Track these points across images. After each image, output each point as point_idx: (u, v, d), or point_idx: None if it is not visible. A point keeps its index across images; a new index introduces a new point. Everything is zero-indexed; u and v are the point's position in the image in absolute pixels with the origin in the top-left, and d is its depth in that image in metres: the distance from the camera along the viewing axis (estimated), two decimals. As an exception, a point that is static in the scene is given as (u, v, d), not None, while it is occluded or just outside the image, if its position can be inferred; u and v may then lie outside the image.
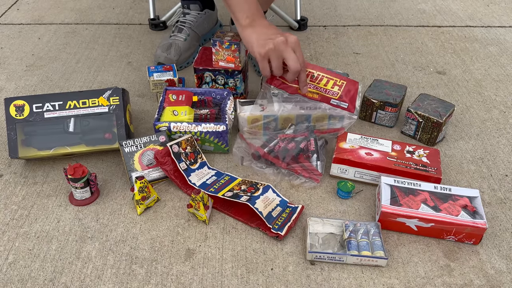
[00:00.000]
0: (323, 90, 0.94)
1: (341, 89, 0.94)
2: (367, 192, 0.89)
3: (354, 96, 0.95)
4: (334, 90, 0.94)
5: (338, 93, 0.94)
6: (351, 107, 0.94)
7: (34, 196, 0.88)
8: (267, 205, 0.82)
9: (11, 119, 0.92)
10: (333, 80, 0.95)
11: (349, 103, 0.94)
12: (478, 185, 0.92)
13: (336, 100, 0.94)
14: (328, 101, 0.94)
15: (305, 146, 0.92)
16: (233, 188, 0.86)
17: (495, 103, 1.15)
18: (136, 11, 1.58)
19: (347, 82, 0.96)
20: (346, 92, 0.94)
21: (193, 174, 0.90)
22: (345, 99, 0.94)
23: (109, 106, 0.94)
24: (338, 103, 0.94)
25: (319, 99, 0.94)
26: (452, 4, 1.64)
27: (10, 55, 1.33)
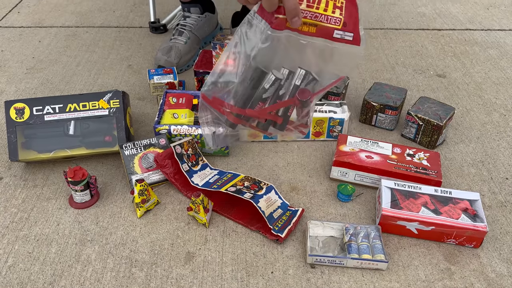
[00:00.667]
0: (323, 18, 0.66)
1: (343, 11, 0.67)
2: (367, 195, 0.89)
3: (357, 21, 0.69)
4: (336, 16, 0.67)
5: (341, 19, 0.67)
6: (356, 38, 0.69)
7: (34, 199, 0.88)
8: (269, 205, 0.82)
9: (11, 122, 0.92)
10: (333, 1, 0.67)
11: (354, 32, 0.69)
12: (479, 188, 0.91)
13: (340, 30, 0.67)
14: (330, 34, 0.67)
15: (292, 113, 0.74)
16: (236, 183, 0.86)
17: (495, 106, 1.15)
18: (136, 14, 1.58)
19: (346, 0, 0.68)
20: (349, 16, 0.67)
21: (195, 175, 0.90)
22: (348, 26, 0.68)
23: (110, 109, 0.94)
24: (343, 35, 0.68)
25: (317, 33, 0.67)
26: (452, 7, 1.64)
27: (10, 58, 1.33)
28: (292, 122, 0.75)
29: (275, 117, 0.73)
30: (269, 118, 0.72)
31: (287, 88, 0.71)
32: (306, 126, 0.77)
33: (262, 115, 0.72)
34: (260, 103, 0.71)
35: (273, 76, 0.70)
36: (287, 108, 0.72)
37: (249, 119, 0.73)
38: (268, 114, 0.72)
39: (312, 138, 1.02)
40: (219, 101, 0.72)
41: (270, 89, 0.71)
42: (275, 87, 0.71)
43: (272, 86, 0.70)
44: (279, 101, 0.71)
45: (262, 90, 0.70)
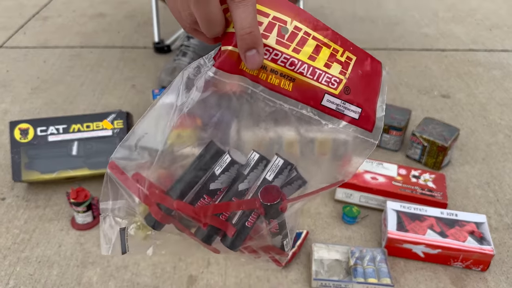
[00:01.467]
0: (306, 70, 0.40)
1: (348, 71, 0.41)
2: (372, 218, 0.88)
3: (373, 92, 0.43)
4: (332, 74, 0.41)
5: (341, 80, 0.41)
6: (367, 118, 0.42)
7: (36, 220, 0.87)
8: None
9: (16, 142, 0.92)
10: (330, 49, 0.41)
11: (363, 107, 0.42)
12: (485, 210, 0.90)
13: (336, 97, 0.41)
14: (318, 99, 0.41)
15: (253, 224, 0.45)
16: None
17: (500, 127, 1.14)
18: (140, 34, 1.60)
19: (359, 58, 0.42)
20: (358, 80, 0.42)
21: None
22: (355, 96, 0.42)
23: (113, 130, 0.94)
24: (340, 106, 0.41)
25: (294, 93, 0.40)
26: (455, 28, 1.65)
27: (15, 78, 1.34)
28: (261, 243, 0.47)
29: (224, 224, 0.44)
30: (214, 223, 0.44)
31: (253, 183, 0.44)
32: (283, 252, 0.48)
33: (201, 215, 0.43)
34: (206, 196, 0.44)
35: (229, 158, 0.43)
36: (245, 214, 0.44)
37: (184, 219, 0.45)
38: (212, 216, 0.44)
39: (316, 158, 1.01)
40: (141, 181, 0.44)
41: (222, 177, 0.43)
42: (230, 176, 0.44)
43: (225, 173, 0.43)
44: (234, 200, 0.44)
45: (211, 177, 0.44)
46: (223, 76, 0.39)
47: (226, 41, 0.39)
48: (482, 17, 1.74)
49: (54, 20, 1.71)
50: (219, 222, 0.44)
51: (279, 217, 0.44)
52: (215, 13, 0.37)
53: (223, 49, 0.39)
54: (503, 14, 1.76)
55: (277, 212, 0.44)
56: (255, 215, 0.44)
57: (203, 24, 0.38)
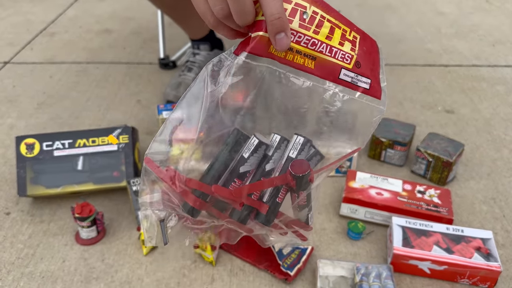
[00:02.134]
0: (325, 49, 0.45)
1: (356, 48, 0.47)
2: (378, 233, 0.88)
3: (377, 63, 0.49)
4: (345, 50, 0.46)
5: (352, 56, 0.46)
6: (375, 88, 0.48)
7: (40, 235, 0.87)
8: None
9: (22, 157, 0.92)
10: (341, 30, 0.46)
11: (372, 78, 0.48)
12: (491, 226, 0.89)
13: (350, 71, 0.46)
14: (336, 74, 0.46)
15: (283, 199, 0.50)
16: None
17: (504, 142, 1.14)
18: (146, 50, 1.61)
19: (362, 37, 0.48)
20: (364, 55, 0.47)
21: None
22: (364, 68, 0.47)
23: (119, 145, 0.94)
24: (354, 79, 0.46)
25: (316, 70, 0.45)
26: (457, 44, 1.66)
27: (22, 93, 1.36)
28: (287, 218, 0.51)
29: (257, 203, 0.48)
30: (249, 203, 0.47)
31: (277, 162, 0.48)
32: (307, 226, 0.52)
33: (237, 197, 0.47)
34: (237, 180, 0.47)
35: (256, 140, 0.47)
36: (276, 191, 0.48)
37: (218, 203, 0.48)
38: (247, 197, 0.47)
39: (321, 174, 1.01)
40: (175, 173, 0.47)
41: (250, 160, 0.47)
42: (258, 157, 0.47)
43: (253, 156, 0.47)
44: (264, 179, 0.47)
45: (240, 161, 0.47)
46: (254, 59, 0.43)
47: (257, 28, 0.43)
48: (485, 33, 1.75)
49: (61, 36, 1.73)
50: (253, 202, 0.48)
51: (307, 188, 0.48)
52: (248, 4, 0.41)
53: (253, 36, 0.43)
54: (506, 30, 1.77)
55: (306, 183, 0.47)
56: (284, 190, 0.48)
57: (238, 15, 0.42)
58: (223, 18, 0.43)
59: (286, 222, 0.51)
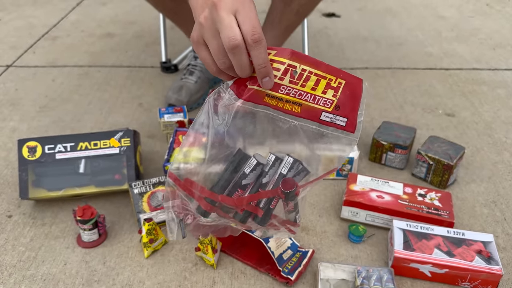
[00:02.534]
0: (309, 98, 0.58)
1: (338, 93, 0.58)
2: (379, 236, 0.88)
3: (356, 105, 0.60)
4: (327, 97, 0.58)
5: (333, 101, 0.58)
6: (350, 124, 0.60)
7: (42, 238, 0.88)
8: (279, 245, 0.81)
9: (23, 160, 0.93)
10: (326, 80, 0.58)
11: (348, 117, 0.59)
12: (492, 229, 0.89)
13: (330, 113, 0.58)
14: (317, 116, 0.58)
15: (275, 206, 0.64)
16: None
17: (505, 145, 1.14)
18: (148, 54, 1.62)
19: (347, 82, 0.59)
20: (345, 99, 0.59)
21: None
22: (342, 111, 0.59)
23: (120, 148, 0.95)
24: (333, 119, 0.59)
25: (302, 113, 0.58)
26: (458, 47, 1.67)
27: (24, 96, 1.36)
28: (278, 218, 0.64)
29: (255, 208, 0.62)
30: (248, 209, 0.62)
31: (272, 177, 0.61)
32: (295, 224, 0.65)
33: (239, 204, 0.61)
34: (239, 190, 0.61)
35: (255, 161, 0.61)
36: (269, 199, 0.62)
37: (224, 207, 0.62)
38: (247, 204, 0.61)
39: (322, 177, 1.01)
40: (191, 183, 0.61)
41: (250, 175, 0.61)
42: (256, 173, 0.61)
43: (253, 172, 0.61)
44: (261, 190, 0.61)
45: (242, 176, 0.61)
46: (250, 105, 0.57)
47: (253, 82, 0.56)
48: (485, 37, 1.75)
49: (63, 40, 1.74)
50: (251, 208, 0.62)
51: (294, 199, 0.62)
52: (246, 60, 0.54)
53: (249, 87, 0.57)
54: (506, 34, 1.78)
55: (293, 196, 0.61)
56: (276, 199, 0.62)
57: (239, 69, 0.55)
58: (225, 70, 0.56)
59: (279, 221, 0.65)
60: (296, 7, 1.09)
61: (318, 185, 1.00)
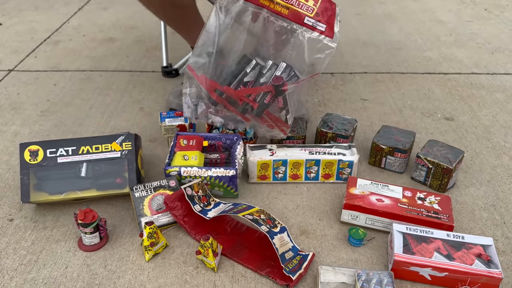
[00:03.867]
0: (294, 2, 0.74)
1: (317, 4, 0.75)
2: (379, 240, 0.88)
3: (332, 17, 0.76)
4: (309, 5, 0.75)
5: (314, 9, 0.74)
6: (329, 30, 0.75)
7: (43, 241, 0.88)
8: (282, 245, 0.81)
9: (25, 164, 0.93)
10: None
11: (327, 24, 0.76)
12: (492, 233, 0.90)
13: (312, 18, 0.75)
14: (301, 19, 0.75)
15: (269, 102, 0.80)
16: (252, 213, 0.85)
17: (504, 149, 1.15)
18: (149, 59, 1.63)
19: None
20: (323, 10, 0.75)
21: (209, 212, 0.89)
22: (322, 18, 0.75)
23: (122, 152, 0.95)
24: (314, 24, 0.75)
25: (289, 15, 0.74)
26: (457, 52, 1.68)
27: (26, 100, 1.37)
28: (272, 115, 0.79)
29: (251, 101, 0.79)
30: (246, 100, 0.79)
31: (269, 78, 0.78)
32: (286, 124, 0.81)
33: (239, 94, 0.79)
34: (241, 86, 0.78)
35: (254, 61, 0.79)
36: (264, 95, 0.79)
37: (230, 100, 0.80)
38: (245, 96, 0.79)
39: (322, 180, 1.02)
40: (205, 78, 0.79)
41: (251, 74, 0.79)
42: (255, 73, 0.78)
43: (252, 71, 0.78)
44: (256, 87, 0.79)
45: (244, 74, 0.79)
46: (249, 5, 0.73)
47: None
48: (484, 41, 1.76)
49: (65, 45, 1.75)
50: (249, 100, 0.80)
51: (282, 94, 0.79)
52: None
53: None
54: (505, 38, 1.79)
55: (281, 91, 0.78)
56: (270, 96, 0.79)
57: None
58: None
59: (272, 118, 0.82)
60: None
61: (319, 189, 1.01)
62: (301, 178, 1.02)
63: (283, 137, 0.91)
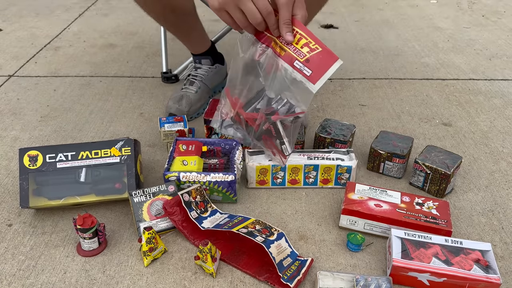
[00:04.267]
0: (291, 48, 0.82)
1: (312, 53, 0.80)
2: (377, 245, 0.88)
3: (324, 68, 0.81)
4: (302, 51, 0.81)
5: (305, 55, 0.81)
6: (314, 77, 0.81)
7: (42, 246, 0.88)
8: (280, 252, 0.81)
9: (24, 169, 0.93)
10: (307, 41, 0.81)
11: (314, 71, 0.81)
12: (490, 238, 0.90)
13: (300, 63, 0.81)
14: (292, 61, 0.82)
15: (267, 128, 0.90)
16: (247, 226, 0.85)
17: (502, 154, 1.15)
18: (149, 64, 1.64)
19: (323, 50, 0.81)
20: (317, 59, 0.81)
21: (205, 221, 0.90)
22: (310, 65, 0.81)
23: (121, 157, 0.96)
24: (302, 68, 0.81)
25: (284, 57, 0.82)
26: (454, 58, 1.69)
27: (25, 106, 1.37)
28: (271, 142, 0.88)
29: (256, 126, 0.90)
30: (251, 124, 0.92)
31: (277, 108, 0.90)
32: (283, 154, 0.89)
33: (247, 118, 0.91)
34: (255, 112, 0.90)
35: (266, 93, 0.88)
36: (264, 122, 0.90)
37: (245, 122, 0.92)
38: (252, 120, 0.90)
39: (320, 185, 1.03)
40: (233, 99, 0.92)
41: (262, 103, 0.89)
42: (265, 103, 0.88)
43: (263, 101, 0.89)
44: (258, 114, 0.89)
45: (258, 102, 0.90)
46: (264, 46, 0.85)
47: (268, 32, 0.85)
48: (481, 47, 1.77)
49: (65, 50, 1.76)
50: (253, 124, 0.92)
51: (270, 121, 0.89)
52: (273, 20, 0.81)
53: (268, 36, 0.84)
54: (502, 44, 1.80)
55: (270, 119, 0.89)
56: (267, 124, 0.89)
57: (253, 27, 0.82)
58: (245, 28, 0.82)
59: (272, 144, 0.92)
60: None
61: (317, 194, 1.01)
62: (300, 183, 1.02)
63: (282, 165, 0.97)
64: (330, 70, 0.80)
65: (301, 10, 0.82)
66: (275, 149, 0.90)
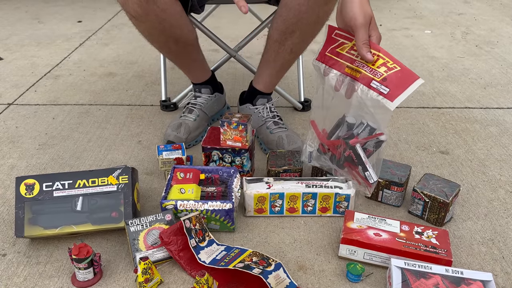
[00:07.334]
0: (367, 70, 0.82)
1: (389, 72, 0.79)
2: (377, 275, 0.87)
3: (404, 87, 0.79)
4: (379, 71, 0.81)
5: (383, 75, 0.79)
6: (391, 95, 0.79)
7: (36, 277, 0.86)
8: (278, 283, 0.80)
9: (20, 197, 0.93)
10: (384, 61, 0.81)
11: (392, 89, 0.79)
12: (491, 268, 0.89)
13: (377, 82, 0.80)
14: (369, 82, 0.81)
15: (349, 155, 0.91)
16: (244, 259, 0.84)
17: (500, 183, 1.15)
18: (148, 93, 1.65)
19: (402, 69, 0.81)
20: (395, 78, 0.79)
21: (202, 252, 0.88)
22: (388, 84, 0.79)
23: (118, 185, 0.95)
24: (378, 87, 0.79)
25: (359, 79, 0.82)
26: (450, 86, 1.71)
27: (24, 134, 1.38)
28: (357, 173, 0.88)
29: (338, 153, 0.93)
30: (333, 151, 0.95)
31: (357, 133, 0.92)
32: (367, 181, 0.91)
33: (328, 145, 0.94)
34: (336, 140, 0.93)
35: (346, 121, 0.92)
36: (345, 149, 0.92)
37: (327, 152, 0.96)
38: (334, 147, 0.93)
39: (319, 213, 1.02)
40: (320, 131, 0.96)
41: (343, 129, 0.91)
42: (344, 130, 0.91)
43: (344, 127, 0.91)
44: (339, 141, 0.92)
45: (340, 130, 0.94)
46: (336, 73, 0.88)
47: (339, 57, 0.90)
48: (476, 76, 1.80)
49: (65, 79, 1.78)
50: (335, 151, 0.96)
51: (352, 148, 0.91)
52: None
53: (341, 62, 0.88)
54: (496, 74, 1.83)
55: (349, 144, 0.91)
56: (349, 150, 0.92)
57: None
58: None
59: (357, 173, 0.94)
60: (290, 46, 1.13)
61: (316, 223, 1.00)
62: (298, 212, 1.02)
63: (367, 195, 0.97)
64: (409, 88, 0.78)
65: (376, 31, 0.84)
66: (360, 177, 0.88)
